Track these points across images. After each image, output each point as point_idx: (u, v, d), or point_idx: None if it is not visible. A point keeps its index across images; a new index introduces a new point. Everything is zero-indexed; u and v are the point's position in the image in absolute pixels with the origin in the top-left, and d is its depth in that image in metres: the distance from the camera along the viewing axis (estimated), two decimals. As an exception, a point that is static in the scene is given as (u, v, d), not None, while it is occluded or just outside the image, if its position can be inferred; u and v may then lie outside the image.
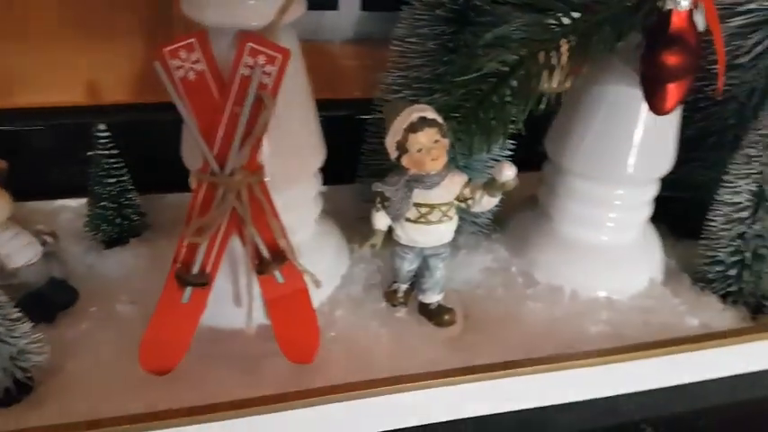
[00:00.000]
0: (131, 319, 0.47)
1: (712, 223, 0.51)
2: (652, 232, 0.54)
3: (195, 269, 0.40)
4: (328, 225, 0.53)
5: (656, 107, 0.39)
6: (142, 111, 0.59)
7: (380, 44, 0.55)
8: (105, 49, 0.56)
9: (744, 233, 0.50)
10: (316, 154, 0.45)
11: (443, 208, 0.42)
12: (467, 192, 0.42)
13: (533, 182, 0.54)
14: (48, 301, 0.47)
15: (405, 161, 0.40)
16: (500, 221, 0.56)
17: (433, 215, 0.42)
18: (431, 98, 0.47)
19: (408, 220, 0.43)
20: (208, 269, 0.40)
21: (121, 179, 0.53)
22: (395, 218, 0.42)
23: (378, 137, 0.54)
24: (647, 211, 0.51)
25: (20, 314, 0.40)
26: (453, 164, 0.44)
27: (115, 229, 0.54)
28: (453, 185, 0.42)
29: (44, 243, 0.47)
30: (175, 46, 0.36)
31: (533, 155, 0.52)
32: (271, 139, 0.40)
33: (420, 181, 0.41)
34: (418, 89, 0.49)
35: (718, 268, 0.51)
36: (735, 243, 0.50)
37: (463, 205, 0.43)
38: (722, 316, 0.49)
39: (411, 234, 0.43)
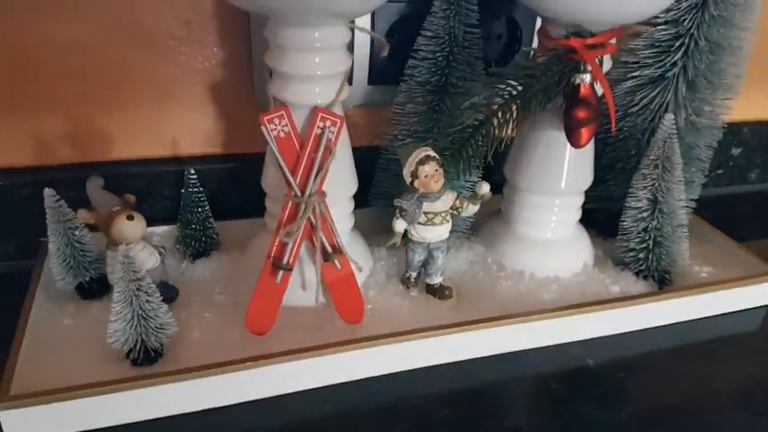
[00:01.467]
0: (224, 304, 0.63)
1: (624, 223, 0.70)
2: (582, 230, 0.73)
3: (284, 261, 0.58)
4: (356, 233, 0.71)
5: (574, 144, 0.59)
6: (209, 160, 0.77)
7: (383, 108, 0.69)
8: (193, 111, 0.74)
9: (646, 227, 0.67)
10: (352, 183, 0.64)
11: (443, 214, 0.62)
12: (457, 203, 0.61)
13: (497, 199, 0.71)
14: (161, 296, 0.63)
15: (416, 184, 0.60)
16: (476, 228, 0.75)
17: (436, 219, 0.61)
18: (425, 143, 0.67)
19: (419, 223, 0.62)
20: (291, 261, 0.58)
21: (205, 208, 0.70)
22: (410, 222, 0.62)
23: (383, 171, 0.74)
24: (578, 214, 0.71)
25: (160, 298, 0.56)
26: (447, 185, 0.63)
27: (201, 245, 0.71)
28: (449, 199, 0.61)
29: (160, 253, 0.64)
30: (271, 115, 0.55)
31: (497, 179, 0.72)
32: (329, 174, 0.59)
33: (427, 197, 0.60)
34: (416, 138, 0.69)
35: (631, 254, 0.67)
36: (641, 235, 0.68)
37: (455, 212, 0.62)
38: (636, 286, 0.66)
39: (421, 233, 0.62)
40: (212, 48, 0.70)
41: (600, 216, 0.72)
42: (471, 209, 0.61)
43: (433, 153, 0.59)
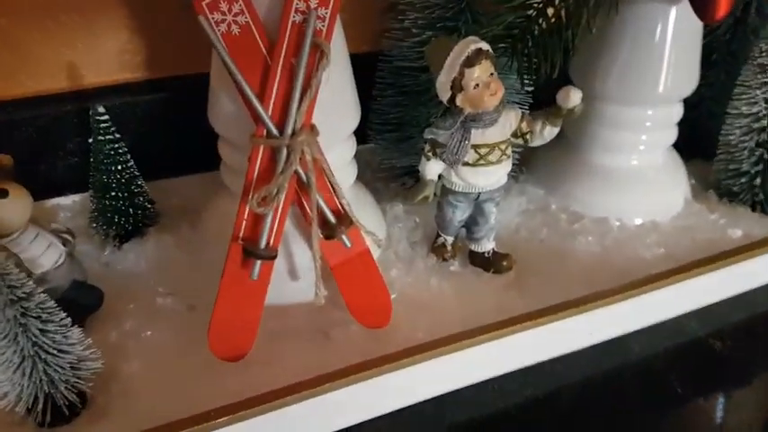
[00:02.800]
0: (175, 310, 0.45)
1: (730, 137, 0.54)
2: (675, 154, 0.56)
3: (263, 242, 0.38)
4: (360, 187, 0.52)
5: (710, 14, 0.40)
6: (128, 91, 0.56)
7: None
8: (83, 26, 0.52)
9: (765, 141, 0.53)
10: (354, 113, 0.44)
11: (502, 146, 0.42)
12: (524, 126, 0.42)
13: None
14: (75, 305, 0.44)
15: (460, 100, 0.40)
16: (526, 161, 0.57)
17: (492, 155, 0.42)
18: (456, 35, 0.47)
19: (466, 164, 0.43)
20: (272, 241, 0.39)
21: (127, 165, 0.50)
22: (453, 163, 0.42)
23: (388, 89, 0.54)
24: (675, 132, 0.54)
25: (69, 319, 0.37)
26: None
27: (129, 221, 0.51)
28: (509, 121, 0.42)
29: (65, 243, 0.44)
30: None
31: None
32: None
33: (477, 120, 0.41)
34: (442, 28, 0.48)
35: (742, 180, 0.54)
36: (757, 152, 0.53)
37: (520, 141, 0.43)
38: (760, 224, 0.52)
39: (470, 178, 0.43)
40: None
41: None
42: (549, 132, 0.42)
43: (485, 45, 0.39)
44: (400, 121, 0.54)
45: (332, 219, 0.40)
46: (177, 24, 0.53)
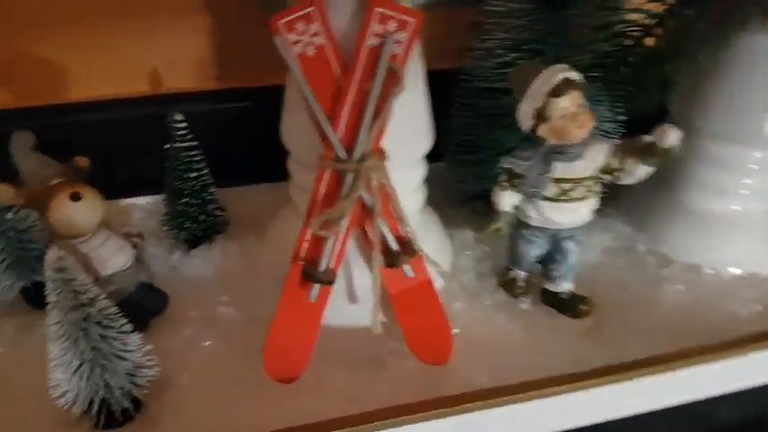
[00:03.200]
0: (236, 322, 0.45)
1: None
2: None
3: (323, 265, 0.38)
4: (427, 210, 0.50)
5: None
6: (207, 99, 0.57)
7: (460, 10, 0.52)
8: (169, 32, 0.54)
9: None
10: (426, 135, 0.43)
11: (588, 182, 0.40)
12: (614, 162, 0.39)
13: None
14: (139, 307, 0.45)
15: (543, 131, 0.38)
16: (615, 195, 0.53)
17: (576, 191, 0.40)
18: (542, 59, 0.45)
19: (546, 198, 0.40)
20: (332, 264, 0.38)
21: (202, 173, 0.51)
22: (530, 196, 0.40)
23: (465, 110, 0.52)
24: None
25: (130, 326, 0.38)
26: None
27: (200, 227, 0.52)
28: (598, 155, 0.39)
29: (134, 246, 0.45)
30: (292, 17, 0.34)
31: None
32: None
33: (561, 152, 0.38)
34: (529, 50, 0.46)
35: None
36: None
37: (608, 177, 0.40)
38: None
39: (548, 214, 0.41)
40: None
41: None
42: (641, 171, 0.38)
43: (574, 74, 0.36)
44: (476, 144, 0.52)
45: (395, 246, 0.39)
46: (258, 36, 0.53)
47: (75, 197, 0.39)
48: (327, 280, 0.38)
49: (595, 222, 0.51)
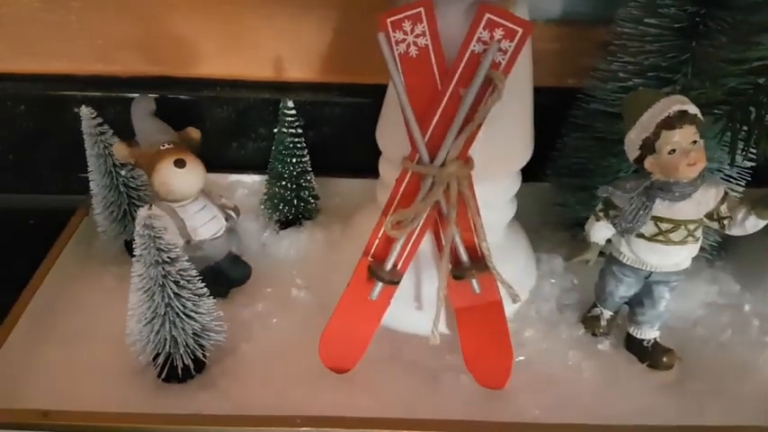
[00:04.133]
0: (306, 306, 0.46)
1: None
2: None
3: (388, 265, 0.37)
4: (517, 230, 0.48)
5: None
6: (320, 91, 0.58)
7: (591, 28, 0.51)
8: (296, 21, 0.56)
9: None
10: (524, 150, 0.41)
11: (691, 226, 0.36)
12: (724, 208, 0.35)
13: None
14: (224, 276, 0.47)
15: (649, 163, 0.35)
16: (726, 245, 0.48)
17: (676, 234, 0.36)
18: (667, 89, 0.42)
19: (641, 236, 0.37)
20: (399, 266, 0.38)
21: (302, 159, 0.53)
22: (625, 231, 0.37)
23: (579, 132, 0.49)
24: None
25: (205, 290, 0.40)
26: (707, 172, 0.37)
27: (291, 210, 0.54)
28: (707, 199, 0.35)
29: (227, 218, 0.47)
30: (401, 16, 0.34)
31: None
32: (483, 128, 0.36)
33: (666, 190, 0.35)
34: (654, 78, 0.43)
35: None
36: None
37: (715, 225, 0.36)
38: None
39: (641, 254, 0.38)
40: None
41: None
42: (751, 224, 0.34)
43: (692, 108, 0.33)
44: (584, 168, 0.50)
45: (465, 259, 0.37)
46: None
47: (180, 164, 0.42)
48: (390, 280, 0.37)
49: (702, 272, 0.47)
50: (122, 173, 0.48)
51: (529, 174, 0.48)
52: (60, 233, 0.50)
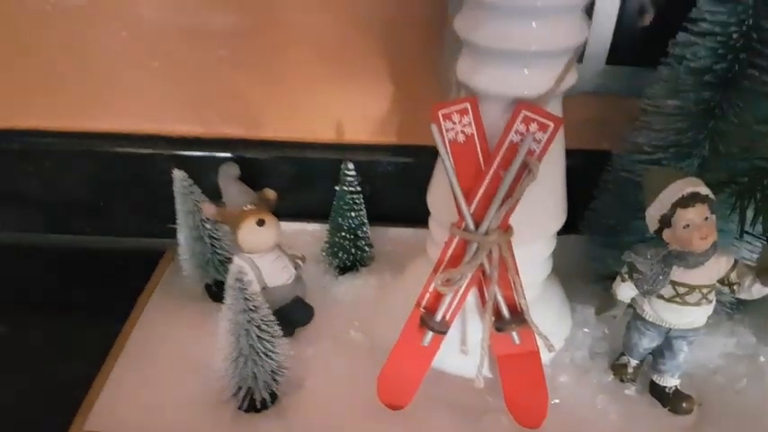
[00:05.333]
0: (362, 346, 0.52)
1: None
2: None
3: (438, 316, 0.43)
4: (553, 282, 0.53)
5: None
6: (375, 150, 0.65)
7: (624, 98, 0.54)
8: (355, 91, 0.63)
9: None
10: (558, 217, 0.46)
11: (704, 290, 0.41)
12: (733, 276, 0.40)
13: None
14: (290, 317, 0.53)
15: (667, 235, 0.40)
16: (745, 301, 0.52)
17: (691, 296, 0.41)
18: (687, 168, 0.46)
19: (661, 297, 0.42)
20: (447, 317, 0.43)
21: (360, 213, 0.59)
22: (646, 293, 0.42)
23: (609, 193, 0.54)
24: None
25: (280, 332, 0.46)
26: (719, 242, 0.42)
27: (350, 258, 0.60)
28: (719, 267, 0.40)
29: (296, 266, 0.54)
30: (450, 110, 0.40)
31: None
32: (521, 201, 0.42)
33: (681, 258, 0.40)
34: (675, 155, 0.47)
35: None
36: None
37: (726, 289, 0.41)
38: None
39: (661, 312, 0.42)
40: (398, 7, 0.57)
41: None
42: (757, 290, 0.39)
43: (704, 189, 0.38)
44: (615, 227, 0.54)
45: (506, 314, 0.43)
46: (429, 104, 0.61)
47: (260, 223, 0.49)
48: (440, 330, 0.43)
49: (721, 324, 0.51)
50: (207, 226, 0.55)
51: (565, 226, 0.51)
52: (146, 272, 0.57)
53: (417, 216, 0.59)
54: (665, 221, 0.39)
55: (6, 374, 0.52)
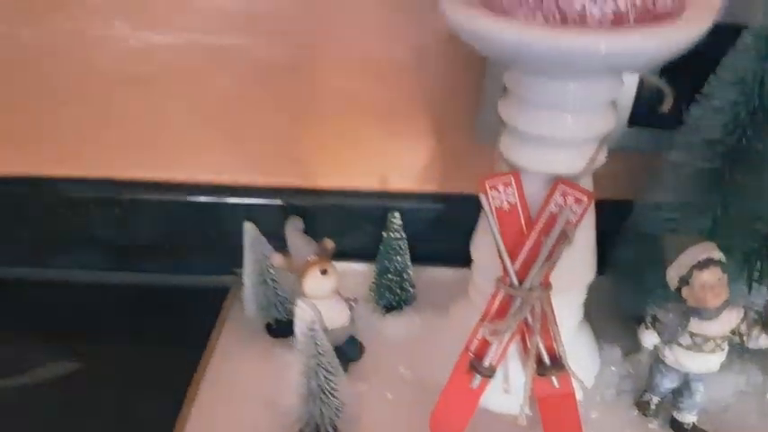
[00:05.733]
0: (411, 383, 0.57)
1: None
2: None
3: (486, 362, 0.49)
4: (583, 325, 0.59)
5: None
6: (419, 198, 0.72)
7: (645, 155, 0.58)
8: (399, 146, 0.69)
9: None
10: (589, 271, 0.52)
11: (718, 340, 0.46)
12: (743, 327, 0.45)
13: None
14: (345, 354, 0.59)
15: (685, 293, 0.45)
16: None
17: (706, 345, 0.46)
18: (699, 221, 0.52)
19: (680, 345, 0.47)
20: (494, 362, 0.49)
21: (405, 257, 0.65)
22: (667, 342, 0.47)
23: (632, 243, 0.59)
24: None
25: (342, 372, 0.52)
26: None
27: (395, 298, 0.66)
28: (730, 319, 0.46)
29: (351, 308, 0.60)
30: (495, 181, 0.46)
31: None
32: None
33: (698, 313, 0.46)
34: (688, 214, 0.52)
35: None
36: None
37: (737, 339, 0.46)
38: None
39: (680, 358, 0.48)
40: (439, 76, 0.63)
41: None
42: (764, 341, 0.44)
43: (717, 254, 0.44)
44: (638, 275, 0.58)
45: (547, 361, 0.49)
46: (465, 156, 0.67)
47: (323, 272, 0.55)
48: (488, 374, 0.49)
49: (733, 364, 0.56)
50: (271, 271, 0.62)
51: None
52: (209, 307, 0.64)
53: (454, 257, 0.66)
54: (684, 281, 0.45)
55: (81, 408, 0.58)
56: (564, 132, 0.43)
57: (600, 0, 0.35)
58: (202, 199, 0.71)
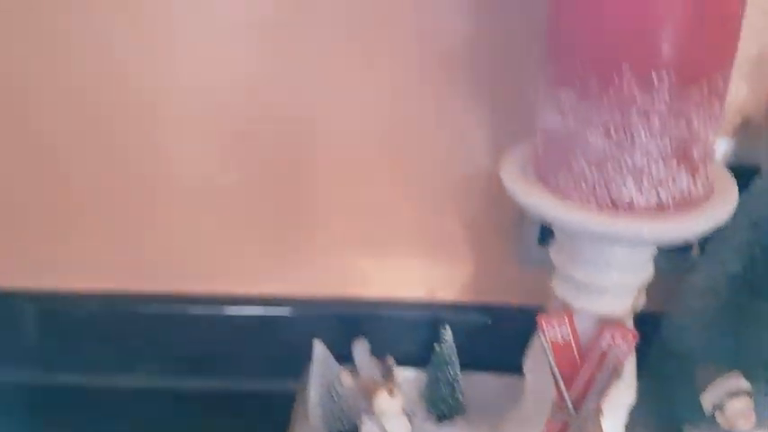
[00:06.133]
0: None
1: None
2: None
3: (546, 477, 0.55)
4: None
5: None
6: (466, 309, 0.79)
7: (673, 274, 0.62)
8: (445, 261, 0.77)
9: None
10: (632, 393, 0.59)
11: (751, 457, 0.53)
12: None
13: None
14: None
15: (719, 418, 0.52)
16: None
17: (741, 463, 0.53)
18: (725, 342, 0.59)
19: (716, 464, 0.54)
20: (552, 481, 0.55)
21: (455, 367, 0.71)
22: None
23: (664, 358, 0.66)
24: None
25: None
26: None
27: (447, 407, 0.72)
28: (761, 437, 0.52)
29: (410, 419, 0.66)
30: (551, 319, 0.53)
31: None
32: (607, 387, 0.54)
33: None
34: (711, 339, 0.60)
35: None
36: None
37: (764, 453, 0.53)
38: None
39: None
40: (480, 206, 0.72)
41: None
42: None
43: (744, 384, 0.51)
44: (669, 392, 0.65)
45: (599, 477, 0.55)
46: (508, 272, 0.75)
47: (391, 393, 0.62)
48: (548, 492, 0.55)
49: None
50: (336, 387, 0.68)
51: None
52: (268, 413, 0.70)
53: (498, 364, 0.72)
54: (716, 408, 0.52)
55: None
56: (611, 282, 0.51)
57: (645, 192, 0.43)
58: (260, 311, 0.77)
